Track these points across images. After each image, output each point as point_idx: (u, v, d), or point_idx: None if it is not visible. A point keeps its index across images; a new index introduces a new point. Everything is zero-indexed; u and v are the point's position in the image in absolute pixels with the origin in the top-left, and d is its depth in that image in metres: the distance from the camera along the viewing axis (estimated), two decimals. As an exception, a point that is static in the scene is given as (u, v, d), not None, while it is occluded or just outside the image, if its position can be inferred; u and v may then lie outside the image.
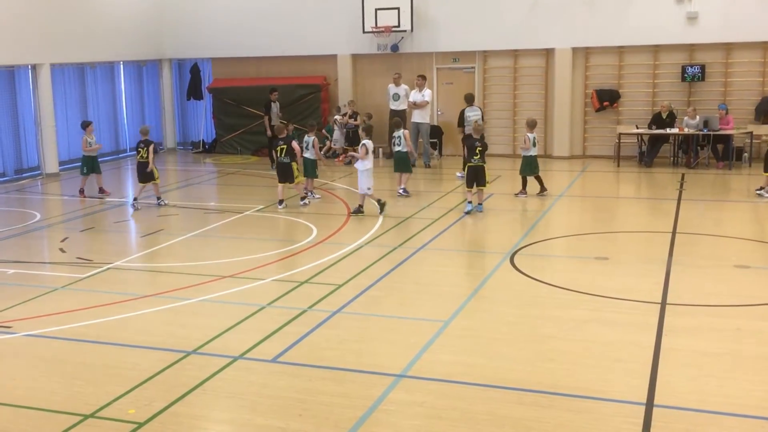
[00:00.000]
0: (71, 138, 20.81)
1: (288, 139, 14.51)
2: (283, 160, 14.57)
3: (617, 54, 20.01)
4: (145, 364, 7.44)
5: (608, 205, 15.40)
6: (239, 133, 22.63)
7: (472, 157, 13.72)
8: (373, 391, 6.75)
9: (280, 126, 15.16)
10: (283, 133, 14.78)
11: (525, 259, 10.87)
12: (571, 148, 20.43)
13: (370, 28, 20.72)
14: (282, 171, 14.64)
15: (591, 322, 8.35)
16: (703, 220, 13.62)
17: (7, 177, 18.78)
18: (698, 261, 10.75)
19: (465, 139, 14.02)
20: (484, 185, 13.83)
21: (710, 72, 19.14)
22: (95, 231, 13.44)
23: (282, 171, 14.64)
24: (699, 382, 6.82)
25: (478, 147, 13.66)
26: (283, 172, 14.63)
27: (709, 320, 8.41)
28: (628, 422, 6.11)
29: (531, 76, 20.78)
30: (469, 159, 13.82)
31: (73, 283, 10.27)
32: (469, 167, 13.80)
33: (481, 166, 13.67)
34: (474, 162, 13.68)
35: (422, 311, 8.88)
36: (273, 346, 7.83)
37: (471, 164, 13.75)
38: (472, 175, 13.72)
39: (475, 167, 13.68)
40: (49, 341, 8.19)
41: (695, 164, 18.58)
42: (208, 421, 6.42)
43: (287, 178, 14.64)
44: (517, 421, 6.16)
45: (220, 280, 10.15)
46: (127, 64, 22.83)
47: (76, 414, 6.42)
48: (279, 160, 14.62)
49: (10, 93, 18.87)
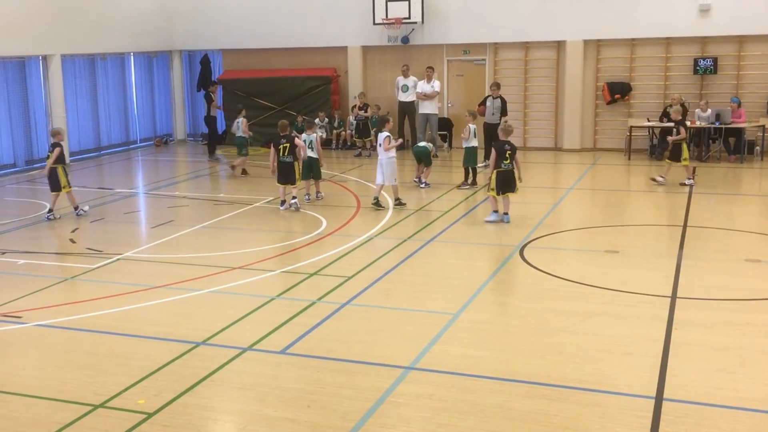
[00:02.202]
0: (82, 129, 20.90)
1: (290, 138, 13.89)
2: (285, 159, 13.76)
3: (629, 46, 19.91)
4: (154, 354, 7.47)
5: (618, 199, 15.34)
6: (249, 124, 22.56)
7: (502, 162, 12.54)
8: (381, 383, 6.75)
9: (283, 123, 14.38)
10: (286, 130, 14.09)
11: (535, 252, 10.84)
12: (581, 140, 20.36)
13: (381, 19, 20.67)
14: (284, 171, 13.81)
15: (601, 316, 8.33)
16: (714, 213, 13.55)
17: (18, 167, 18.85)
18: (709, 255, 10.70)
19: (494, 143, 12.74)
20: (515, 191, 12.75)
21: (722, 65, 19.02)
22: (105, 222, 13.47)
23: (284, 171, 13.81)
24: (709, 376, 6.79)
25: (508, 151, 12.53)
26: (285, 173, 13.81)
27: (720, 314, 8.37)
28: (637, 416, 6.10)
29: (542, 69, 20.70)
30: (499, 164, 12.55)
31: (83, 273, 10.31)
32: (498, 173, 12.53)
33: (511, 171, 12.60)
34: (504, 167, 12.53)
35: (431, 304, 8.87)
36: (282, 337, 7.84)
37: (501, 169, 12.54)
38: (502, 181, 12.54)
39: (506, 172, 12.53)
40: (60, 331, 8.22)
41: (707, 157, 18.48)
42: (216, 412, 6.44)
43: (289, 179, 13.82)
44: (526, 414, 6.15)
45: (229, 271, 10.16)
46: (138, 56, 22.85)
47: (86, 404, 6.45)
48: (281, 159, 13.76)
49: (20, 84, 18.93)
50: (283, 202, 13.86)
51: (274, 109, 22.10)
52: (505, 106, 17.82)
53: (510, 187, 12.61)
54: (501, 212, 12.65)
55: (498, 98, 17.82)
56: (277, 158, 13.83)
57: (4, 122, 18.50)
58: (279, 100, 22.00)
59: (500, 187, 12.55)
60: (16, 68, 18.82)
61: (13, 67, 18.71)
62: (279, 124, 14.31)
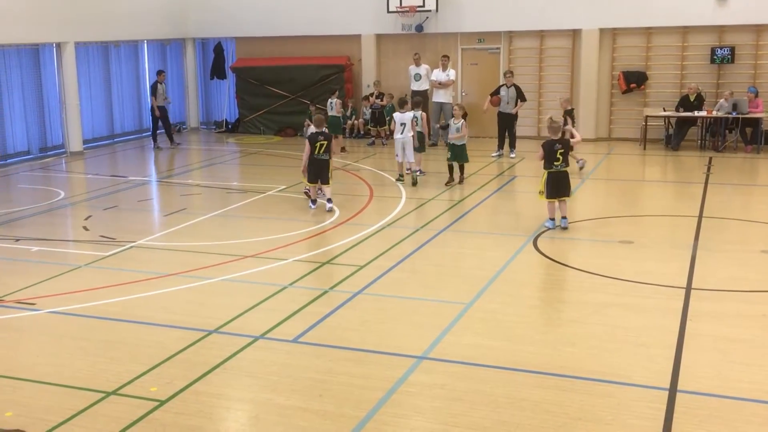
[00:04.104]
0: (95, 117, 20.95)
1: (329, 135, 13.05)
2: (321, 156, 12.77)
3: (645, 35, 19.74)
4: (167, 342, 7.48)
5: (634, 189, 15.24)
6: (262, 112, 22.62)
7: (552, 163, 11.20)
8: (393, 372, 6.73)
9: (320, 118, 13.28)
10: (322, 126, 13.10)
11: (548, 242, 10.78)
12: (596, 130, 20.23)
13: (395, 7, 20.57)
14: (318, 169, 12.78)
15: (614, 307, 8.27)
16: (730, 204, 13.44)
17: (32, 155, 18.91)
18: (724, 246, 10.61)
19: (544, 144, 11.26)
20: (569, 195, 11.45)
21: (740, 54, 18.83)
22: (119, 209, 13.50)
23: (318, 169, 12.78)
24: (723, 368, 6.74)
25: (559, 150, 11.15)
26: (318, 170, 12.79)
27: (735, 306, 8.31)
28: (651, 407, 6.05)
29: (557, 57, 20.56)
30: (549, 165, 11.23)
31: (96, 261, 10.34)
32: (549, 174, 11.21)
33: (564, 172, 11.28)
34: (556, 168, 11.21)
35: (444, 293, 8.84)
36: (294, 326, 7.84)
37: (552, 170, 11.21)
38: (553, 183, 11.21)
39: (558, 174, 11.23)
40: (73, 318, 8.25)
41: (723, 148, 18.33)
42: (228, 400, 6.44)
43: (322, 177, 12.84)
44: (538, 404, 6.13)
45: (242, 259, 10.16)
46: (151, 43, 22.85)
47: (99, 391, 6.47)
48: (316, 156, 12.74)
49: (34, 71, 18.96)
50: (315, 201, 13.09)
51: (286, 98, 22.07)
52: (521, 93, 17.74)
53: (564, 190, 11.31)
54: (558, 217, 11.42)
55: (512, 86, 17.74)
56: (311, 155, 12.86)
57: (18, 110, 18.55)
58: (292, 89, 21.96)
59: (552, 191, 11.24)
60: (30, 56, 18.86)
61: (27, 55, 18.74)
62: (315, 120, 13.29)
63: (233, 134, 22.98)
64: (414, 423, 5.93)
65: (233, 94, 23.49)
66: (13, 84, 18.39)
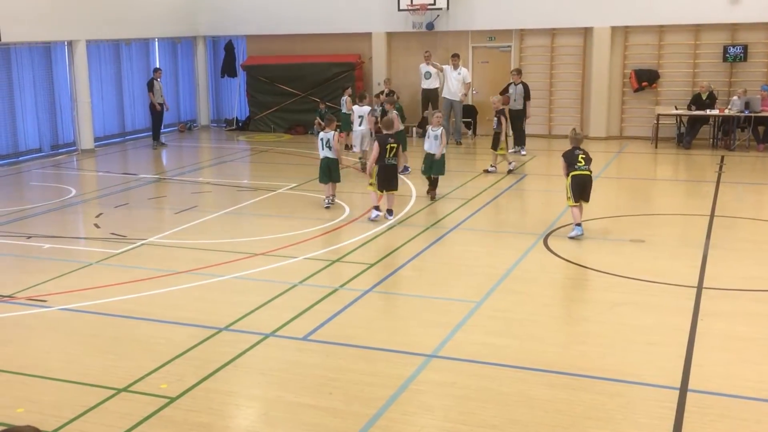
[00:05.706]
0: (106, 115, 21.01)
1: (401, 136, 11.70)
2: (391, 161, 11.72)
3: (657, 33, 19.64)
4: (177, 339, 7.49)
5: (645, 187, 15.18)
6: (273, 110, 22.64)
7: (575, 165, 10.80)
8: (403, 370, 6.73)
9: (389, 119, 12.08)
10: (392, 127, 11.88)
11: (559, 241, 10.75)
12: (608, 128, 20.14)
13: (406, 5, 20.55)
14: (389, 175, 11.76)
15: (625, 305, 8.24)
16: (742, 203, 13.37)
17: (44, 152, 18.98)
18: (736, 244, 10.56)
19: (564, 154, 10.96)
20: (587, 200, 10.99)
21: (753, 52, 18.72)
22: (129, 207, 13.54)
23: (389, 175, 11.76)
24: (734, 367, 6.70)
25: (581, 155, 10.79)
26: (390, 177, 11.77)
27: (747, 305, 8.26)
28: (662, 406, 6.03)
29: (568, 56, 20.49)
30: (572, 168, 10.83)
31: (107, 258, 10.37)
32: (573, 177, 10.78)
33: (588, 175, 10.85)
34: (579, 169, 10.78)
35: (454, 292, 8.83)
36: (304, 324, 7.84)
37: (575, 173, 10.78)
38: (579, 186, 10.77)
39: (581, 177, 10.79)
40: (83, 315, 8.27)
41: (735, 146, 18.23)
42: (238, 398, 6.45)
43: (392, 185, 11.87)
44: (548, 403, 6.11)
45: (252, 257, 10.17)
46: (162, 41, 22.90)
47: (110, 387, 6.49)
48: (387, 161, 11.68)
49: (46, 69, 19.04)
50: (377, 208, 11.96)
51: (297, 96, 22.09)
52: (528, 91, 17.71)
53: (585, 194, 10.90)
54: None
55: (520, 84, 17.70)
56: (381, 159, 11.70)
57: (29, 107, 18.63)
58: (303, 87, 21.97)
59: (578, 193, 10.80)
60: (42, 54, 18.93)
61: (38, 53, 18.81)
62: (384, 121, 12.08)
63: (244, 132, 23.00)
64: (423, 421, 5.92)
65: (244, 92, 23.52)
66: (25, 82, 18.47)
